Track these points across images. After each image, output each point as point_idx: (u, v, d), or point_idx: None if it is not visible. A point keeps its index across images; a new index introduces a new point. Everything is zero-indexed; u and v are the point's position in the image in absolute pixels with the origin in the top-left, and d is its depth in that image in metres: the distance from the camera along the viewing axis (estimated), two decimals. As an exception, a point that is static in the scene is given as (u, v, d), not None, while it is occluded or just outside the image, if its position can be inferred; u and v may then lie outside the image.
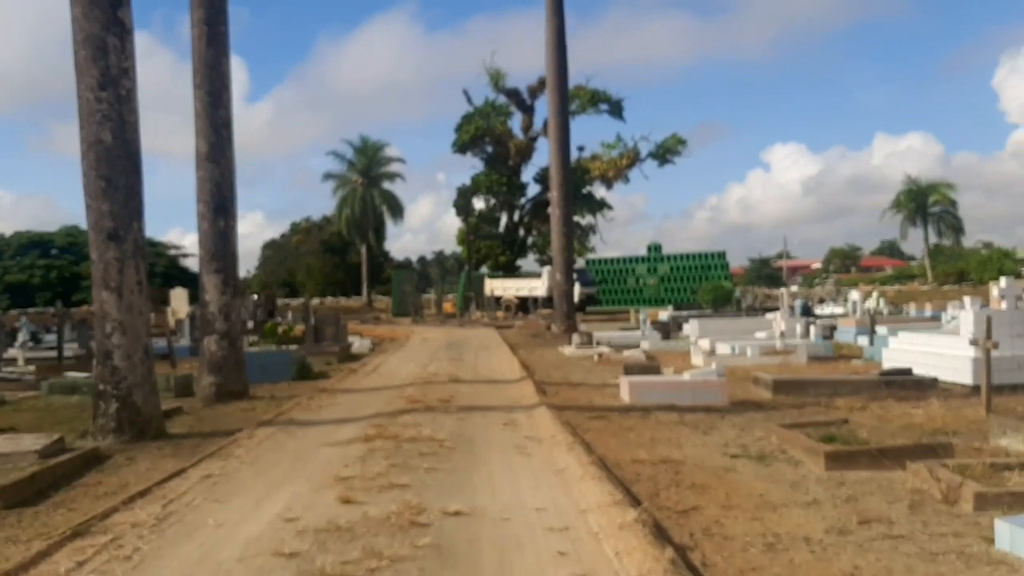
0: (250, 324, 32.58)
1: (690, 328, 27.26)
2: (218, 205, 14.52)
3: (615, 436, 9.92)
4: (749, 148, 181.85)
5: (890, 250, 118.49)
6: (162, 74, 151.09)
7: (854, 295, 31.69)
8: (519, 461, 8.25)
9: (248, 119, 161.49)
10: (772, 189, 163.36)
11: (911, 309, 33.90)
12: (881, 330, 22.69)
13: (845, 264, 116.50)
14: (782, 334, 20.39)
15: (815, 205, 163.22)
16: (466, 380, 16.38)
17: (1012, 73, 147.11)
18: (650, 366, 16.70)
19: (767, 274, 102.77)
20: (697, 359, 19.58)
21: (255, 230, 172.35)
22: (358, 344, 27.46)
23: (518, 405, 12.53)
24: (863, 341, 23.83)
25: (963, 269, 71.72)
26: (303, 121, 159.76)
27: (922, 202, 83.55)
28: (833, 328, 26.21)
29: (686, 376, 13.11)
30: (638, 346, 24.31)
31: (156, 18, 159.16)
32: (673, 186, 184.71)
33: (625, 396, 13.07)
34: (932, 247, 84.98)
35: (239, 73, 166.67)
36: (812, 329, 22.29)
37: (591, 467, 7.55)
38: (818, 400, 12.78)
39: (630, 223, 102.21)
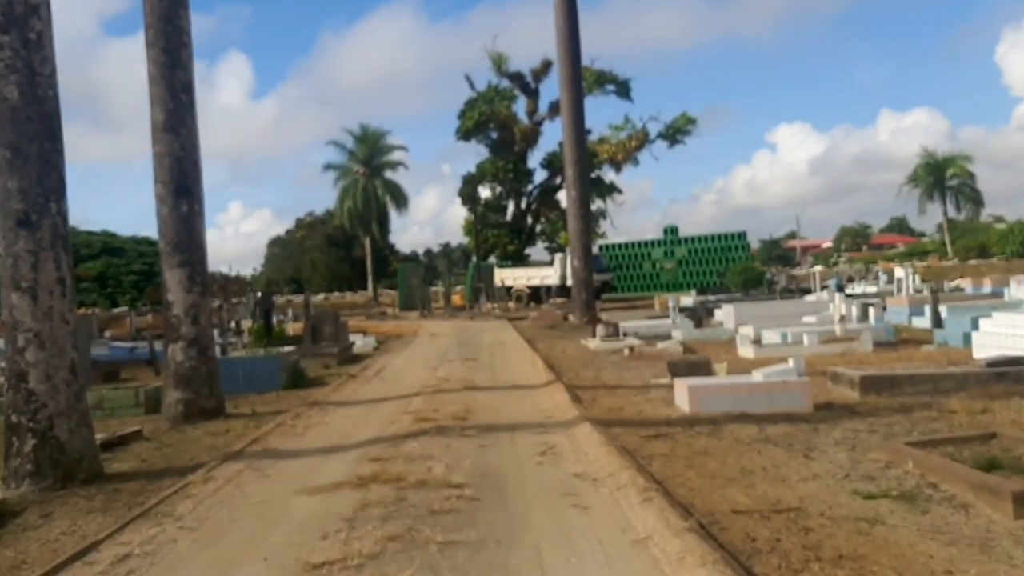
0: (246, 324, 30.21)
1: (724, 314, 24.83)
2: (179, 185, 12.04)
3: (691, 466, 7.43)
4: (754, 129, 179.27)
5: (900, 227, 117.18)
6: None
7: (899, 272, 29.11)
8: (576, 521, 5.74)
9: (253, 116, 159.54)
10: (779, 170, 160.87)
11: (967, 285, 31.31)
12: (941, 310, 20.14)
13: (856, 242, 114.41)
14: (842, 318, 17.84)
15: (822, 184, 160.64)
16: (483, 386, 13.86)
17: (1014, 47, 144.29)
18: (698, 362, 14.22)
19: (778, 255, 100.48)
20: (745, 350, 17.08)
21: (263, 227, 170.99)
22: (361, 343, 25.02)
23: (552, 420, 10.02)
24: (919, 322, 21.35)
25: (984, 243, 69.11)
26: (308, 117, 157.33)
27: (940, 175, 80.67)
28: (882, 309, 23.64)
29: (758, 376, 10.61)
30: (669, 336, 21.84)
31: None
32: (679, 170, 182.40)
33: (682, 404, 10.59)
34: (943, 222, 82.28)
35: (243, 71, 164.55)
36: (871, 312, 19.78)
37: (690, 536, 5.05)
38: (920, 400, 10.36)
39: (637, 208, 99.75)
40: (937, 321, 19.50)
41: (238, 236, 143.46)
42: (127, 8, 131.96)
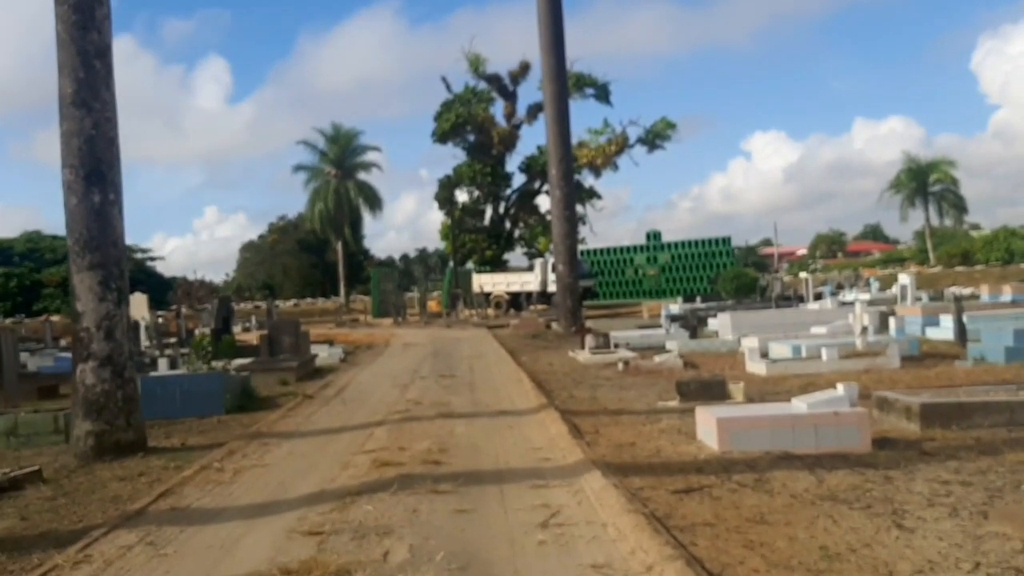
0: (206, 332, 27.94)
1: (720, 323, 22.90)
2: (91, 171, 9.86)
3: (750, 545, 5.36)
4: (730, 137, 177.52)
5: (874, 234, 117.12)
6: (143, 78, 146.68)
7: (904, 279, 27.25)
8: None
9: (230, 121, 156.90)
10: (753, 177, 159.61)
11: (983, 293, 29.55)
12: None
13: (831, 249, 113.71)
14: (864, 330, 15.85)
15: (797, 192, 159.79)
16: (462, 413, 11.68)
17: (990, 54, 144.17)
18: (710, 382, 12.22)
19: (754, 261, 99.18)
20: (755, 366, 15.07)
21: (238, 232, 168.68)
22: (326, 354, 22.86)
23: (551, 465, 7.89)
24: (934, 333, 19.45)
25: (967, 250, 67.78)
26: (286, 121, 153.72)
27: (922, 181, 79.32)
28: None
29: (802, 406, 8.56)
30: (664, 347, 19.88)
31: (137, 21, 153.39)
32: (656, 177, 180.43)
33: (708, 439, 8.53)
34: (925, 228, 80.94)
35: (222, 75, 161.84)
36: (891, 322, 17.85)
37: None
38: (999, 435, 8.51)
39: (614, 215, 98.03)
40: (962, 333, 17.62)
41: (213, 241, 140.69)
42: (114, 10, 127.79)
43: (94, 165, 9.89)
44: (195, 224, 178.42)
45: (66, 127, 9.92)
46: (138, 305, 30.22)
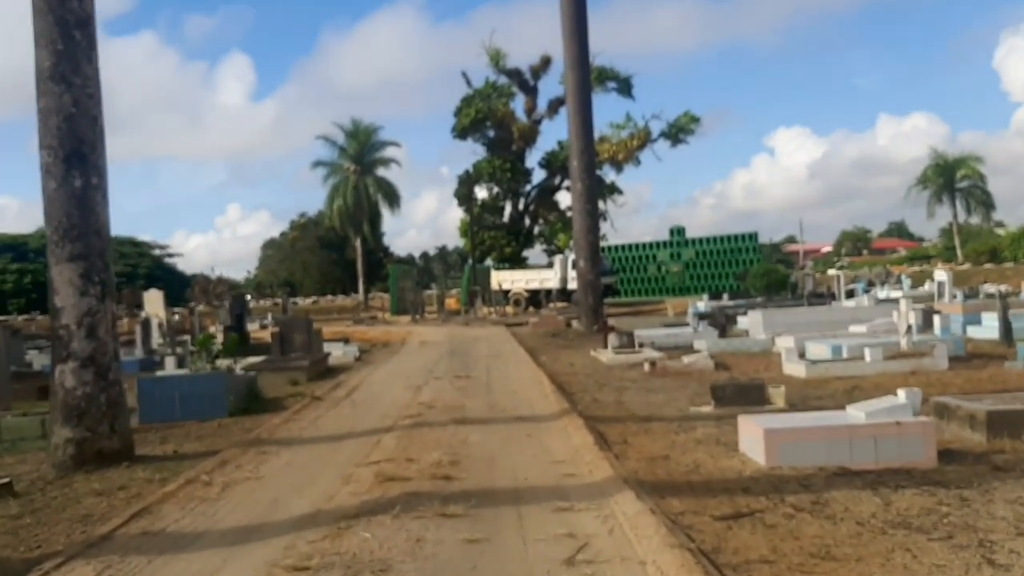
0: (218, 332, 27.19)
1: (750, 321, 21.89)
2: (72, 151, 9.01)
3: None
4: (754, 133, 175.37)
5: (899, 231, 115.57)
6: (165, 74, 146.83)
7: (940, 276, 26.16)
8: None
9: (254, 118, 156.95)
10: (777, 174, 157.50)
11: (1025, 291, 28.44)
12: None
13: (856, 246, 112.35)
14: (909, 328, 14.82)
15: (821, 189, 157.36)
16: (477, 418, 10.74)
17: (1013, 51, 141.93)
18: (748, 385, 11.29)
19: (778, 259, 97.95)
20: (793, 367, 14.08)
21: (261, 230, 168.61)
22: (341, 352, 22.03)
23: (575, 483, 6.94)
24: (975, 332, 18.42)
25: (995, 247, 66.29)
26: (308, 118, 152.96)
27: (950, 177, 77.80)
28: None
29: (860, 415, 7.58)
30: (691, 347, 18.92)
31: (160, 17, 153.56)
32: (678, 173, 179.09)
33: (753, 453, 7.57)
34: (951, 226, 79.38)
35: (245, 72, 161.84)
36: (936, 321, 16.81)
37: None
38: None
39: (635, 212, 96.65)
40: (1008, 332, 16.62)
41: (236, 238, 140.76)
42: (128, 8, 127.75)
43: (74, 146, 9.03)
44: (218, 221, 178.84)
45: (43, 104, 9.08)
46: (154, 302, 29.63)
